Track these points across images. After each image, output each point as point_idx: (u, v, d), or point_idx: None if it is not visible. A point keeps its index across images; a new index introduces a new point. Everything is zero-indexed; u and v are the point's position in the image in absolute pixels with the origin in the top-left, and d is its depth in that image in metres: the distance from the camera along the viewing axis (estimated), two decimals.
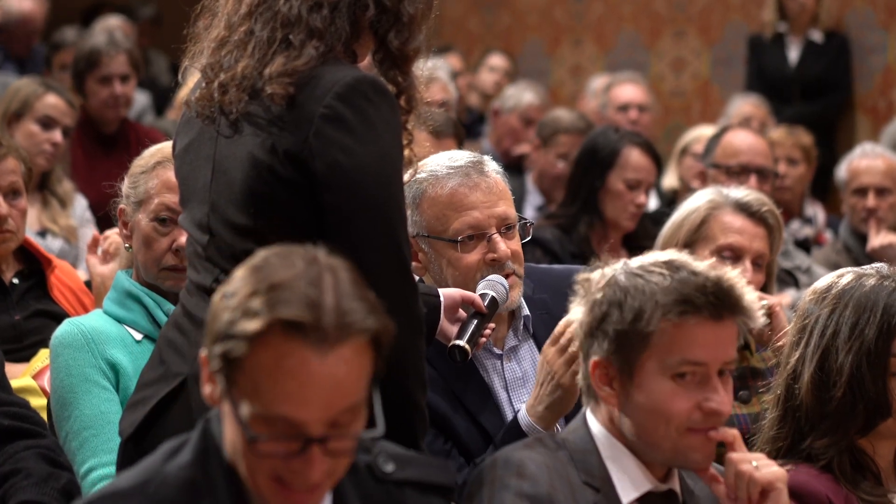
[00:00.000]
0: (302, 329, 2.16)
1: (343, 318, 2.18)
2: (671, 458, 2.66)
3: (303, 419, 2.16)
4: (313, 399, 2.16)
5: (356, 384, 2.21)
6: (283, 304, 2.16)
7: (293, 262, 2.23)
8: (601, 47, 10.53)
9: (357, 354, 2.20)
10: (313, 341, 2.16)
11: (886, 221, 6.06)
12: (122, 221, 3.57)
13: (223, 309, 2.20)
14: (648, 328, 2.60)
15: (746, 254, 4.06)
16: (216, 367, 2.21)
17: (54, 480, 3.10)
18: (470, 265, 3.31)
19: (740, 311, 2.64)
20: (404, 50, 2.86)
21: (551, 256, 5.23)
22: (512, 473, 2.60)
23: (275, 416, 2.16)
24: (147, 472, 2.28)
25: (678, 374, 2.61)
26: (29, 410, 3.29)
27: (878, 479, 3.00)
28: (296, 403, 2.16)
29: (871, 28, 9.16)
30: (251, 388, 2.17)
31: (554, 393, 3.12)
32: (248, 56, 2.81)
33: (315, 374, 2.16)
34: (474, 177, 3.33)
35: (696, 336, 2.61)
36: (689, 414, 2.62)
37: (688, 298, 2.60)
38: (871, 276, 3.03)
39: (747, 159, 5.59)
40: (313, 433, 2.17)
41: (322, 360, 2.17)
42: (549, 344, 3.14)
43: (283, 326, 2.16)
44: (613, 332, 2.63)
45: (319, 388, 2.17)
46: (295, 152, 2.73)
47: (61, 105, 5.83)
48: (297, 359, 2.16)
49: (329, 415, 2.18)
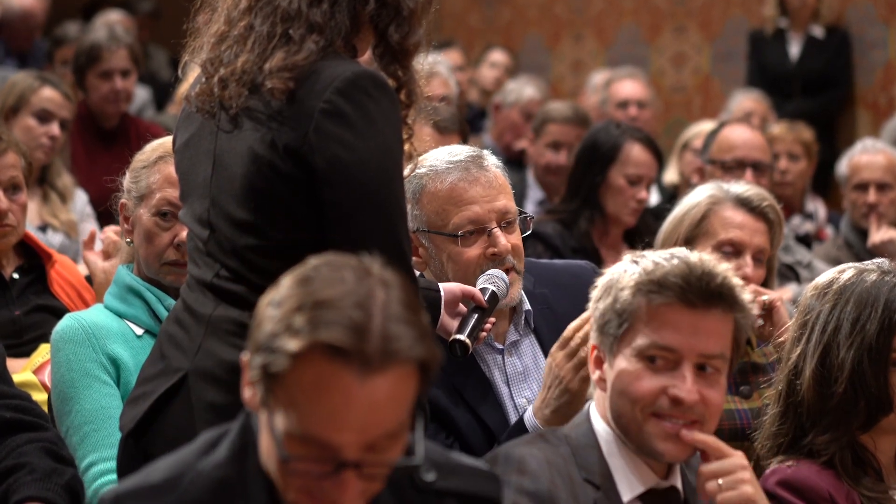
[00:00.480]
0: (344, 353, 2.08)
1: (389, 344, 2.10)
2: (641, 445, 2.64)
3: (338, 443, 2.10)
4: (350, 423, 2.09)
5: (397, 410, 2.13)
6: (326, 326, 2.08)
7: (343, 277, 2.15)
8: (602, 42, 10.52)
9: (400, 380, 2.12)
10: (355, 366, 2.08)
11: (887, 217, 6.07)
12: (123, 216, 3.57)
13: (267, 318, 2.13)
14: (625, 306, 2.62)
15: (747, 249, 4.05)
16: (255, 377, 2.15)
17: (58, 476, 3.10)
18: (470, 260, 3.31)
19: (721, 302, 2.61)
20: (404, 44, 2.86)
21: (552, 251, 5.23)
22: (513, 470, 2.60)
23: (310, 436, 2.10)
24: (181, 466, 2.22)
25: (648, 357, 2.61)
26: (31, 403, 3.28)
27: (880, 475, 3.01)
28: (332, 427, 2.09)
29: (872, 23, 9.15)
30: (288, 405, 2.10)
31: (561, 397, 3.11)
32: (247, 51, 2.81)
33: (354, 399, 2.08)
34: (474, 171, 3.33)
35: (669, 319, 2.60)
36: (654, 397, 2.60)
37: (661, 280, 2.60)
38: (873, 272, 3.03)
39: (743, 154, 5.59)
40: (347, 457, 2.10)
41: (363, 385, 2.09)
42: (558, 348, 3.13)
43: (324, 348, 2.08)
44: (599, 313, 2.66)
45: (357, 412, 2.09)
46: (295, 147, 2.73)
47: (58, 98, 5.83)
48: (337, 382, 2.08)
49: (366, 439, 2.11)
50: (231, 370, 2.77)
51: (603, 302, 2.67)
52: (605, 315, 2.66)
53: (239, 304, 2.79)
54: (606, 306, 2.66)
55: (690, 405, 2.60)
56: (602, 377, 2.69)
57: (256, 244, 2.79)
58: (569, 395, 3.10)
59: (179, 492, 2.18)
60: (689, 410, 2.60)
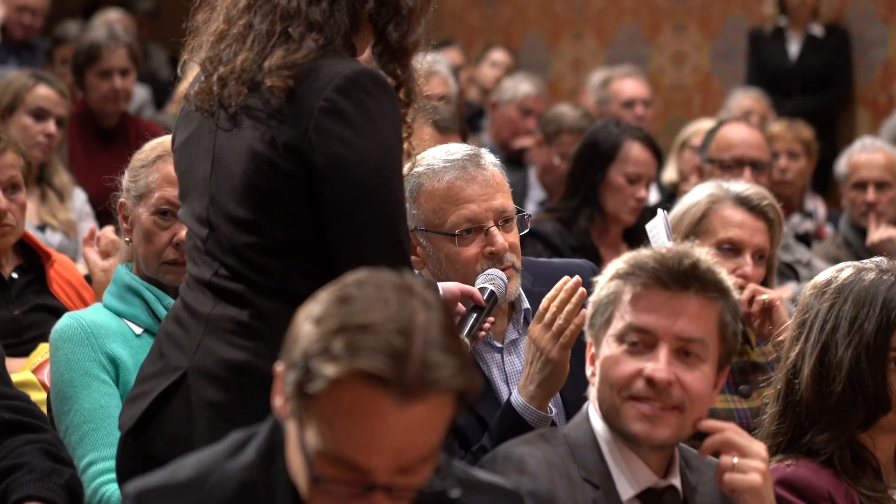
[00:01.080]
0: (383, 381, 2.04)
1: (429, 372, 2.06)
2: (620, 431, 2.65)
3: (371, 466, 2.07)
4: (385, 448, 2.07)
5: (431, 435, 2.12)
6: (366, 353, 2.05)
7: (386, 298, 2.11)
8: (601, 41, 10.52)
9: (437, 408, 2.10)
10: (394, 393, 2.05)
11: (886, 215, 6.07)
12: (122, 215, 3.57)
13: (304, 335, 2.10)
14: (603, 293, 2.66)
15: (747, 248, 4.06)
16: (289, 392, 2.11)
17: (57, 476, 3.10)
18: (468, 258, 3.31)
19: (697, 284, 2.62)
20: (403, 43, 2.86)
21: (552, 250, 5.23)
22: (512, 469, 2.60)
23: (343, 458, 2.07)
24: (207, 465, 2.21)
25: (628, 341, 2.63)
26: (29, 404, 3.28)
27: (879, 474, 3.00)
28: (366, 451, 2.07)
29: (872, 21, 9.15)
30: (322, 425, 2.08)
31: (544, 370, 3.13)
32: (247, 49, 2.81)
33: (391, 425, 2.06)
34: (471, 170, 3.33)
35: (644, 302, 2.63)
36: (631, 380, 2.62)
37: (636, 263, 2.64)
38: (871, 271, 3.02)
39: (741, 152, 5.59)
40: (379, 480, 2.08)
41: (400, 412, 2.06)
42: (535, 322, 3.16)
43: (363, 375, 2.04)
44: (590, 307, 2.70)
45: (393, 438, 2.07)
46: (294, 145, 2.73)
47: (53, 96, 5.82)
48: (375, 408, 2.05)
49: (399, 463, 2.09)
50: (230, 368, 2.77)
51: (591, 298, 2.71)
52: (593, 307, 2.70)
53: (238, 302, 2.79)
54: (594, 299, 2.70)
55: (664, 385, 2.60)
56: (594, 371, 2.70)
57: (256, 242, 2.79)
58: (551, 365, 3.12)
59: (204, 492, 2.18)
60: (664, 392, 2.60)
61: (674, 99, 10.09)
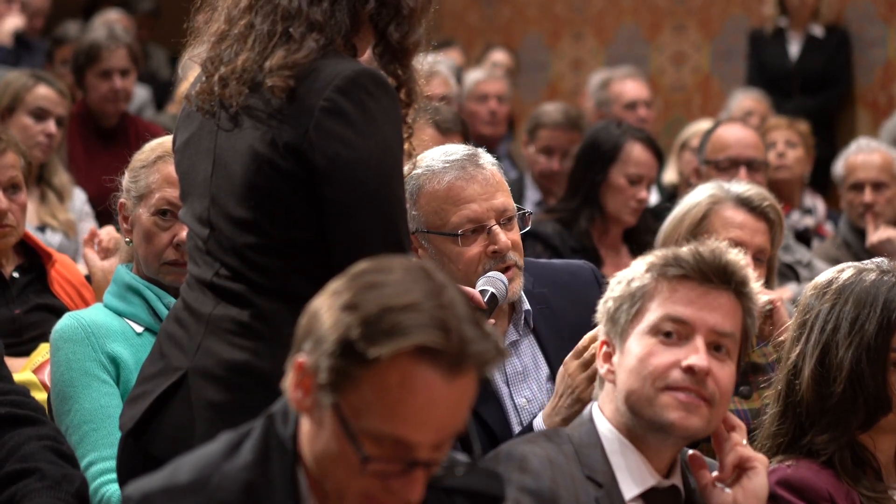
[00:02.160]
0: (435, 354, 2.11)
1: (467, 346, 2.13)
2: (651, 421, 2.65)
3: (417, 442, 2.13)
4: (432, 423, 2.13)
5: (465, 411, 2.19)
6: (418, 330, 2.10)
7: (415, 279, 2.16)
8: (601, 41, 10.52)
9: (471, 382, 2.17)
10: (443, 366, 2.12)
11: (884, 216, 6.07)
12: (122, 216, 3.57)
13: (336, 322, 2.13)
14: (635, 286, 2.66)
15: (748, 248, 4.05)
16: (325, 380, 2.14)
17: (68, 484, 3.08)
18: (471, 258, 3.30)
19: (732, 282, 2.66)
20: (404, 43, 2.86)
21: (552, 251, 5.23)
22: (514, 468, 2.60)
23: (389, 436, 2.12)
24: (206, 467, 2.23)
25: (662, 332, 2.64)
26: (27, 398, 3.26)
27: (879, 475, 3.00)
28: (415, 426, 2.13)
29: (872, 22, 9.15)
30: (365, 407, 2.12)
31: (573, 406, 3.11)
32: (248, 49, 2.81)
33: (438, 399, 2.12)
34: (470, 169, 3.33)
35: (679, 292, 2.65)
36: (668, 370, 2.63)
37: (673, 255, 2.66)
38: (872, 271, 3.02)
39: (736, 152, 5.60)
40: (421, 456, 2.14)
41: (447, 386, 2.12)
42: (573, 357, 3.13)
43: (415, 350, 2.10)
44: (612, 303, 2.70)
45: (440, 413, 2.13)
46: (295, 145, 2.73)
47: (53, 95, 5.82)
48: (425, 383, 2.11)
49: (439, 438, 2.15)
50: (230, 369, 2.77)
51: (614, 293, 2.71)
52: (617, 302, 2.69)
53: (238, 302, 2.79)
54: (618, 295, 2.69)
55: (703, 375, 2.62)
56: (611, 370, 2.70)
57: (256, 242, 2.79)
58: (580, 405, 3.09)
59: (208, 493, 2.20)
60: (701, 383, 2.62)
61: (674, 99, 10.09)
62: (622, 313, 2.69)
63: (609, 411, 2.72)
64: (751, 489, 2.70)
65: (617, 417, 2.70)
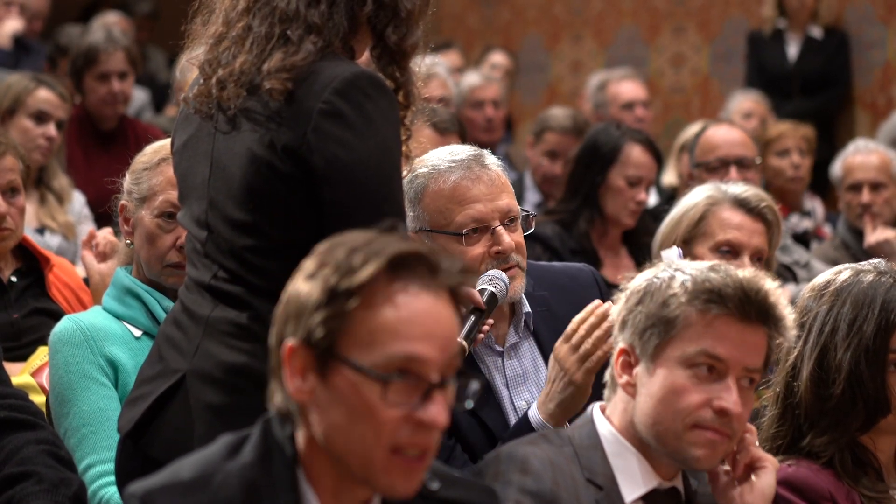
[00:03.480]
0: (406, 265, 2.19)
1: (436, 257, 2.23)
2: (674, 453, 2.65)
3: (423, 356, 2.18)
4: (429, 335, 2.19)
5: (456, 332, 2.24)
6: (385, 249, 2.19)
7: (369, 232, 2.27)
8: (601, 43, 10.52)
9: (451, 304, 2.23)
10: (420, 275, 2.20)
11: (882, 216, 6.07)
12: (123, 217, 3.56)
13: (310, 288, 2.20)
14: (674, 313, 2.61)
15: (745, 250, 4.06)
16: (320, 335, 2.19)
17: (65, 487, 3.07)
18: (474, 258, 3.30)
19: (770, 320, 2.64)
20: (402, 45, 2.86)
21: (551, 252, 5.23)
22: (516, 469, 2.60)
23: (396, 358, 2.17)
24: (207, 465, 2.25)
25: (696, 365, 2.61)
26: (26, 402, 3.26)
27: (880, 475, 3.00)
28: (414, 340, 2.19)
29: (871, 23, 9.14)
30: (365, 342, 2.18)
31: (565, 390, 3.12)
32: (246, 52, 2.81)
33: (428, 309, 2.20)
34: (476, 170, 3.33)
35: (720, 330, 2.61)
36: (699, 409, 2.61)
37: (716, 288, 2.61)
38: (869, 273, 3.02)
39: (725, 152, 5.61)
40: (433, 377, 2.19)
41: (434, 298, 2.20)
42: (562, 341, 3.14)
43: (391, 268, 2.18)
44: (642, 317, 2.65)
45: (432, 322, 2.20)
46: (293, 148, 2.73)
47: (53, 99, 5.82)
48: (408, 295, 2.19)
49: (444, 358, 2.20)
50: (229, 371, 2.77)
51: (645, 307, 2.66)
52: (650, 321, 2.64)
53: (237, 305, 2.79)
54: (651, 312, 2.64)
55: (735, 417, 2.62)
56: (630, 382, 2.68)
57: (255, 245, 2.79)
58: (573, 387, 3.10)
59: (212, 490, 2.21)
60: (728, 423, 2.62)
61: (673, 101, 10.09)
62: (654, 334, 2.64)
63: (620, 421, 2.71)
64: (759, 487, 2.70)
65: (629, 429, 2.69)
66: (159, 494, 2.22)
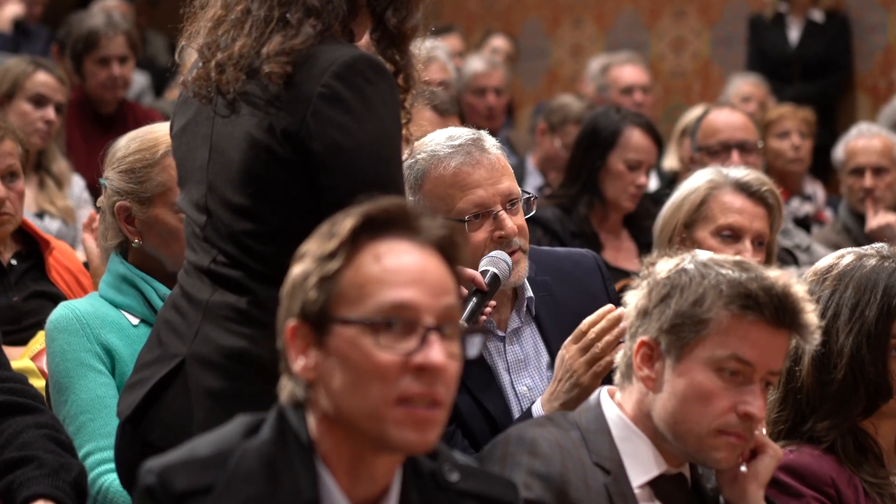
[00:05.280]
0: (385, 224, 2.23)
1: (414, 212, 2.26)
2: (694, 452, 2.65)
3: (414, 302, 2.20)
4: (416, 281, 2.21)
5: (450, 285, 2.25)
6: (363, 210, 2.24)
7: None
8: (601, 27, 10.50)
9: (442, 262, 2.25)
10: (400, 230, 2.23)
11: (884, 201, 6.07)
12: (123, 218, 3.47)
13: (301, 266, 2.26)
14: (707, 314, 2.59)
15: (746, 233, 4.05)
16: (315, 297, 2.22)
17: (65, 472, 3.07)
18: (477, 244, 3.29)
19: (798, 326, 2.64)
20: (402, 28, 2.85)
21: (552, 236, 5.23)
22: (524, 451, 2.60)
23: (388, 307, 2.19)
24: (226, 443, 2.26)
25: (724, 369, 2.60)
26: (26, 385, 3.25)
27: (881, 461, 3.00)
28: (403, 286, 2.21)
29: (872, 7, 9.14)
30: (357, 297, 2.21)
31: (571, 391, 3.11)
32: (245, 35, 2.80)
33: (412, 258, 2.22)
34: (476, 154, 3.31)
35: (752, 334, 2.60)
36: (725, 414, 2.61)
37: (753, 294, 2.59)
38: (872, 257, 3.02)
39: (727, 136, 5.60)
40: (427, 322, 2.20)
41: (418, 249, 2.23)
42: (572, 342, 3.13)
43: (372, 227, 2.23)
44: (671, 313, 2.62)
45: (421, 269, 2.22)
46: (293, 132, 2.72)
47: (52, 82, 5.81)
48: (390, 246, 2.23)
49: (437, 304, 2.21)
50: (228, 356, 2.77)
51: (675, 303, 2.63)
52: (679, 318, 2.62)
53: (236, 289, 2.79)
54: (682, 310, 2.62)
55: (758, 421, 2.63)
56: (651, 376, 2.66)
57: (254, 229, 2.78)
58: (579, 389, 3.09)
59: (230, 466, 2.21)
60: (750, 427, 2.63)
61: (673, 85, 10.08)
62: (683, 333, 2.61)
63: (633, 410, 2.70)
64: (753, 469, 2.70)
65: (643, 420, 2.68)
66: (178, 471, 2.21)
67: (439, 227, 2.26)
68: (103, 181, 3.53)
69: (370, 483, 2.26)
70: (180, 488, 2.19)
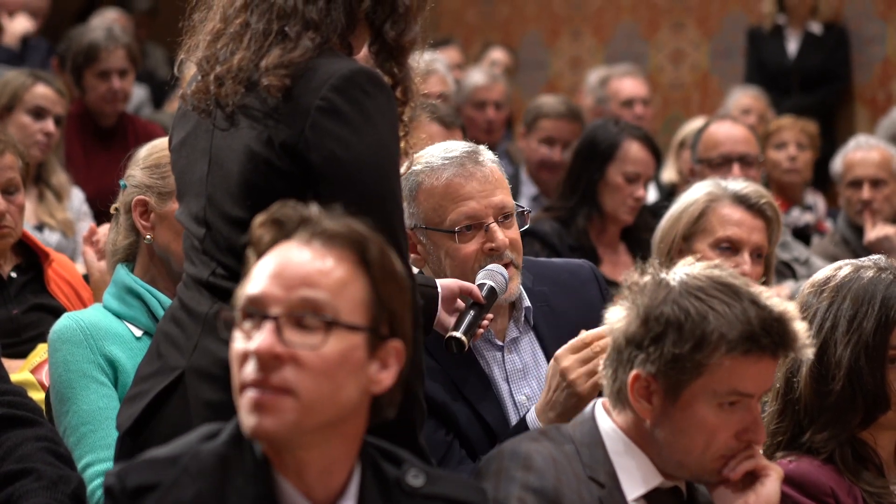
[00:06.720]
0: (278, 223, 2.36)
1: (304, 216, 2.37)
2: (695, 476, 2.67)
3: (262, 295, 2.32)
4: (272, 278, 2.32)
5: (326, 278, 2.32)
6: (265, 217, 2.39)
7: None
8: (600, 39, 10.52)
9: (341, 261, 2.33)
10: (289, 231, 2.35)
11: (882, 213, 6.07)
12: (139, 212, 3.50)
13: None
14: (709, 360, 2.58)
15: (745, 246, 4.06)
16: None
17: (64, 485, 3.07)
18: (468, 256, 3.30)
19: (794, 349, 2.64)
20: (400, 41, 2.85)
21: (549, 249, 5.23)
22: (518, 465, 2.60)
23: (245, 301, 2.35)
24: (183, 447, 2.36)
25: (724, 402, 2.61)
26: (25, 398, 3.25)
27: (880, 471, 3.00)
28: (258, 282, 2.34)
29: (870, 19, 9.15)
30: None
31: (568, 400, 3.11)
32: (244, 48, 2.80)
33: (283, 258, 2.33)
34: (469, 167, 3.33)
35: (752, 370, 2.61)
36: (728, 442, 2.62)
37: (754, 337, 2.58)
38: (869, 269, 3.02)
39: (728, 149, 5.61)
40: (273, 313, 2.30)
41: (298, 248, 2.34)
42: (567, 352, 3.13)
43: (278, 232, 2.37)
44: (669, 354, 2.59)
45: (283, 263, 2.33)
46: (291, 144, 2.73)
47: (51, 94, 5.81)
48: (278, 249, 2.35)
49: (289, 297, 2.30)
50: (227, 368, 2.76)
51: (673, 344, 2.59)
52: (680, 361, 2.59)
53: None
54: (683, 353, 2.59)
55: (761, 443, 2.66)
56: (648, 409, 2.64)
57: None
58: (576, 398, 3.09)
59: (182, 464, 2.32)
60: (749, 444, 2.65)
61: (672, 97, 10.09)
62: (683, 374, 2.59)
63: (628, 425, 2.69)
64: (763, 495, 2.68)
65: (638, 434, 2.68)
66: (133, 470, 2.33)
67: (334, 224, 2.36)
68: (123, 182, 3.56)
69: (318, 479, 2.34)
70: (133, 484, 2.31)
